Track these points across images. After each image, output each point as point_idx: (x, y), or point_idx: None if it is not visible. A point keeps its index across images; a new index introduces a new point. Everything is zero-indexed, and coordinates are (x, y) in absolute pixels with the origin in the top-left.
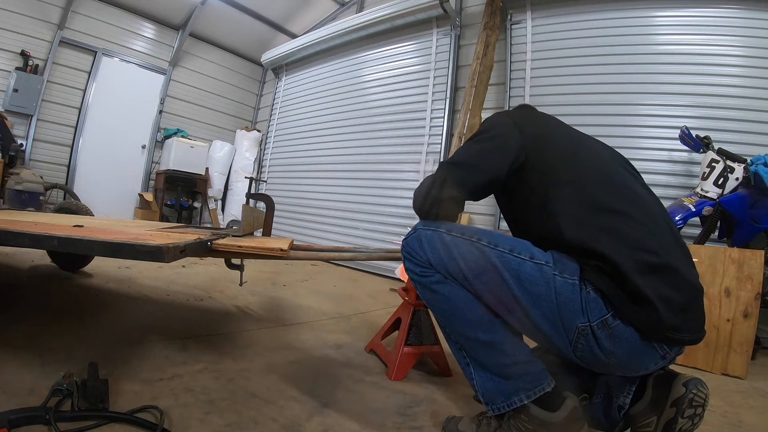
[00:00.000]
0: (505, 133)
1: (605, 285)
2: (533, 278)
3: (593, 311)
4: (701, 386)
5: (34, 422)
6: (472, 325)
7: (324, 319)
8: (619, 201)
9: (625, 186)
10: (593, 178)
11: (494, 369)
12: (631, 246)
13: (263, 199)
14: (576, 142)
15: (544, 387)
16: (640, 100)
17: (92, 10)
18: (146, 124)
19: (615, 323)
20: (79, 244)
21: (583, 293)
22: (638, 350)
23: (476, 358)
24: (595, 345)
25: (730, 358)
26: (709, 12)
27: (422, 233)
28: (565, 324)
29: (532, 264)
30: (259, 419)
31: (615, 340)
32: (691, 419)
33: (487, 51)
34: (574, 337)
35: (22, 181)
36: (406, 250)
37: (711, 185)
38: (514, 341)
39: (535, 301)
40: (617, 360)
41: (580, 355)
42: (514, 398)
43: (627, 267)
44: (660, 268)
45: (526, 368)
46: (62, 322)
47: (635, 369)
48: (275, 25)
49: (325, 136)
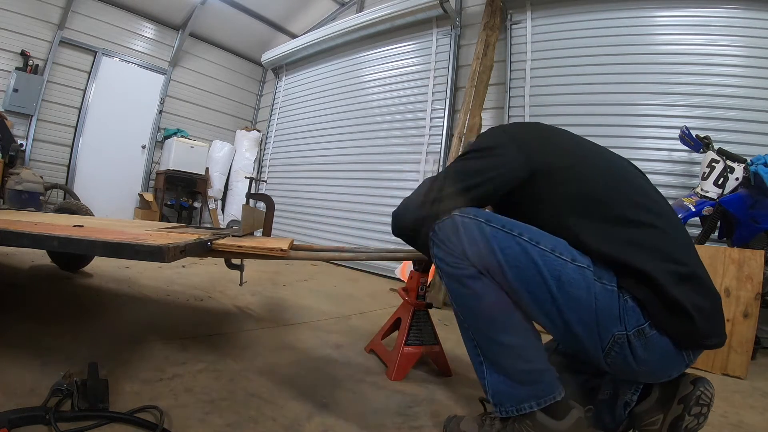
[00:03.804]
0: (499, 148)
1: (643, 294)
2: (575, 281)
3: (630, 319)
4: (708, 385)
5: (34, 422)
6: (499, 327)
7: (324, 319)
8: (640, 212)
9: (644, 194)
10: (609, 186)
11: (510, 372)
12: (660, 258)
13: (263, 199)
14: (582, 148)
15: (555, 396)
16: (640, 100)
17: (92, 10)
18: (146, 124)
19: (651, 332)
20: (79, 244)
21: (621, 301)
22: (670, 359)
23: (492, 359)
24: (629, 353)
25: (730, 358)
26: (709, 12)
27: (459, 220)
28: (601, 331)
29: (574, 267)
30: (259, 419)
31: (649, 349)
32: (696, 417)
33: (487, 51)
34: (609, 345)
35: (22, 181)
36: (439, 237)
37: (711, 185)
38: (537, 347)
39: (574, 305)
40: (647, 368)
41: (611, 362)
42: (525, 404)
43: (661, 278)
44: (689, 278)
45: (542, 376)
46: (62, 322)
47: (659, 377)
48: (275, 25)
49: (325, 136)
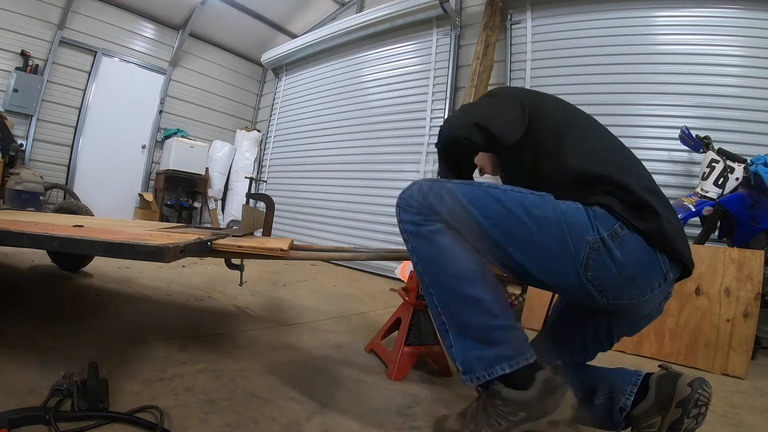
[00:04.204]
0: (512, 97)
1: (611, 200)
2: (539, 204)
3: (602, 223)
4: (706, 386)
5: (34, 422)
6: (463, 280)
7: (324, 319)
8: (618, 145)
9: (621, 143)
10: (595, 126)
11: (477, 332)
12: (632, 174)
13: (263, 199)
14: (572, 107)
15: (527, 357)
16: (640, 100)
17: (92, 10)
18: (146, 124)
19: (624, 232)
20: (79, 244)
21: (589, 211)
22: (646, 259)
23: (459, 321)
24: (607, 257)
25: (730, 358)
26: (709, 12)
27: (423, 183)
28: (575, 242)
29: (534, 195)
30: (259, 419)
31: (624, 249)
32: (695, 418)
33: (487, 51)
34: (586, 255)
35: (22, 181)
36: (405, 200)
37: (711, 185)
38: (502, 303)
39: (543, 223)
40: (628, 273)
41: (592, 276)
42: (496, 367)
43: (632, 183)
44: (657, 193)
45: (511, 334)
46: (62, 322)
47: (644, 288)
48: (275, 25)
49: (325, 136)
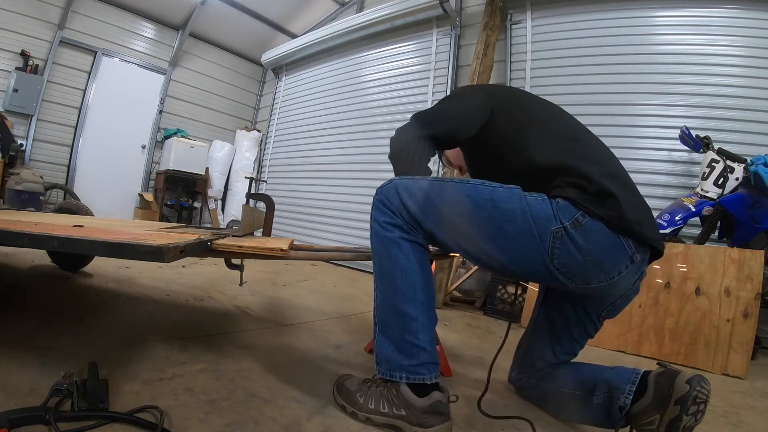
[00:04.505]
0: (472, 93)
1: (572, 192)
2: (506, 197)
3: (564, 214)
4: (704, 383)
5: (34, 422)
6: (401, 294)
7: (324, 319)
8: (581, 134)
9: (583, 127)
10: (558, 117)
11: (394, 338)
12: (595, 163)
13: (263, 199)
14: (538, 98)
15: (424, 378)
16: (640, 100)
17: (92, 10)
18: (146, 124)
19: (585, 220)
20: (79, 244)
21: (553, 203)
22: (610, 244)
23: (385, 322)
24: (571, 245)
25: (730, 358)
26: (709, 12)
27: (398, 182)
28: (540, 232)
29: (503, 189)
30: (259, 419)
31: (587, 235)
32: (694, 416)
33: (487, 51)
34: (551, 244)
35: (22, 181)
36: (380, 198)
37: (711, 185)
38: (426, 328)
39: (510, 216)
40: (592, 259)
41: (558, 263)
42: (396, 373)
43: (592, 171)
44: (618, 177)
45: (421, 354)
46: (62, 322)
47: (610, 271)
48: (275, 25)
49: (325, 136)
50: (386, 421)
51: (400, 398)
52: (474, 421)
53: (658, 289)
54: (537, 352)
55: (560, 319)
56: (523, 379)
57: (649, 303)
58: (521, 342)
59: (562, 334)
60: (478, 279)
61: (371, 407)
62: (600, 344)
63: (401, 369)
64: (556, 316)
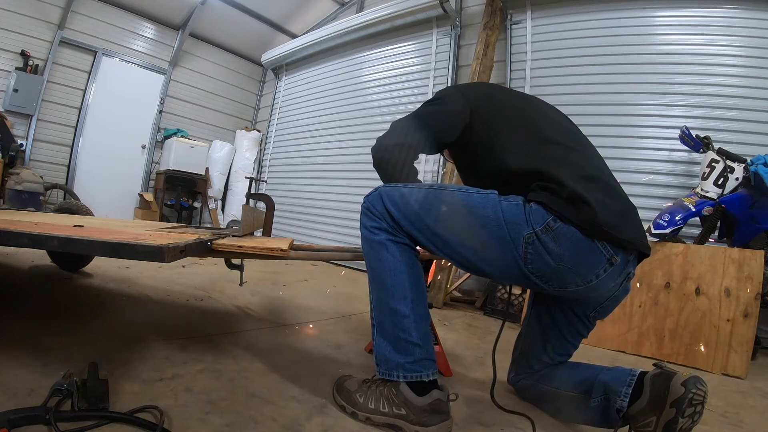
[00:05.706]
0: (448, 97)
1: (545, 197)
2: (481, 204)
3: (536, 219)
4: (700, 384)
5: (34, 422)
6: (393, 293)
7: (324, 319)
8: (559, 135)
9: (562, 126)
10: (534, 119)
11: (391, 338)
12: (569, 166)
13: (263, 199)
14: (519, 97)
15: (421, 376)
16: (640, 100)
17: (92, 10)
18: (146, 124)
19: (557, 225)
20: (79, 244)
21: (526, 208)
22: (583, 248)
23: (381, 322)
24: (543, 250)
25: (730, 358)
26: (709, 12)
27: (383, 190)
28: (513, 238)
29: (479, 195)
30: (259, 419)
31: (559, 240)
32: (691, 417)
33: (487, 51)
34: (523, 249)
35: (22, 181)
36: (366, 205)
37: (711, 185)
38: (418, 324)
39: (485, 222)
40: (566, 264)
41: (532, 267)
42: (394, 372)
43: (565, 176)
44: (596, 180)
45: (414, 350)
46: (62, 322)
47: (586, 275)
48: (275, 25)
49: (325, 136)
50: (386, 421)
51: (400, 397)
52: (474, 420)
53: (658, 289)
54: (532, 353)
55: (550, 321)
56: (521, 380)
57: (649, 303)
58: (516, 343)
59: (554, 335)
60: (478, 279)
61: (371, 407)
62: (600, 344)
63: (399, 368)
64: (546, 317)
